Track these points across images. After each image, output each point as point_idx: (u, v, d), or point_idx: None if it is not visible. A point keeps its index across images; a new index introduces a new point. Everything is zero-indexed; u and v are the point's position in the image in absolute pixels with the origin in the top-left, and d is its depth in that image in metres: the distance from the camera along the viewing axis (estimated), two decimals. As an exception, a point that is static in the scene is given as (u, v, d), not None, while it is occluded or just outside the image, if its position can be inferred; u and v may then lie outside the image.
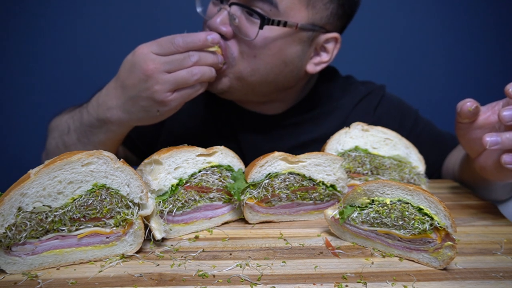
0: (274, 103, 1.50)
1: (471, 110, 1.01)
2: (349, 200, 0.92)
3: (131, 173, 0.85)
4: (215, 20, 1.23)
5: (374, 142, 1.19)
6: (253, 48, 1.24)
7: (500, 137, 0.93)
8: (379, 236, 0.89)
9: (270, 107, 1.51)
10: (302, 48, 1.30)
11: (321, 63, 1.38)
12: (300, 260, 0.85)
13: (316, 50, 1.36)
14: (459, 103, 1.03)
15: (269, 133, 1.53)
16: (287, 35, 1.25)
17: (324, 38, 1.33)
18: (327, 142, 1.17)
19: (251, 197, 1.00)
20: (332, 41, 1.35)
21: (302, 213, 1.07)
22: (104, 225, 0.85)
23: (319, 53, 1.37)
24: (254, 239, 0.96)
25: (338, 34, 1.34)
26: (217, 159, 1.02)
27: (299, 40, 1.28)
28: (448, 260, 0.81)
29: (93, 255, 0.85)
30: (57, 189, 0.79)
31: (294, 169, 1.02)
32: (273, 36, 1.23)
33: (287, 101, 1.51)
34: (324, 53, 1.37)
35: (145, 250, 0.90)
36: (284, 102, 1.51)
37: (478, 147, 1.07)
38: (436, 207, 0.82)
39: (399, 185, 0.86)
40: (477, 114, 1.02)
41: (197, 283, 0.76)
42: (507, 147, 0.93)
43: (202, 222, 1.01)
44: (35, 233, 0.79)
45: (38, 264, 0.81)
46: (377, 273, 0.80)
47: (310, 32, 1.28)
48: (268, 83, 1.34)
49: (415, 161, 1.19)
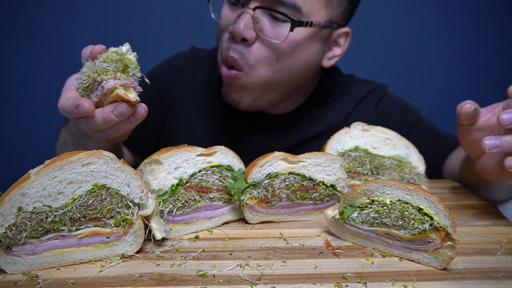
0: (288, 101, 1.51)
1: (469, 112, 1.01)
2: (349, 200, 0.93)
3: (131, 173, 0.86)
4: (239, 25, 1.21)
5: (374, 142, 1.19)
6: (277, 51, 1.26)
7: (499, 140, 0.93)
8: (379, 236, 0.89)
9: (282, 106, 1.51)
10: (321, 45, 1.36)
11: (334, 57, 1.43)
12: (300, 260, 0.85)
13: (328, 45, 1.40)
14: (459, 104, 1.03)
15: (277, 132, 1.54)
16: (310, 35, 1.28)
17: (337, 34, 1.38)
18: (327, 142, 1.17)
19: (251, 197, 1.00)
20: (343, 35, 1.41)
21: (302, 213, 1.07)
22: (104, 225, 0.85)
23: (331, 47, 1.42)
24: (254, 239, 0.96)
25: (349, 29, 1.40)
26: (217, 159, 1.02)
27: (319, 38, 1.32)
28: (448, 260, 0.81)
29: (93, 255, 0.85)
30: (57, 189, 0.79)
31: (294, 169, 1.02)
32: (299, 38, 1.26)
33: (298, 99, 1.53)
34: (335, 47, 1.43)
35: (145, 250, 0.90)
36: (295, 100, 1.53)
37: (478, 149, 1.07)
38: (436, 207, 0.82)
39: (399, 185, 0.86)
40: (477, 116, 1.02)
41: (197, 283, 0.76)
42: (506, 151, 0.94)
43: (202, 222, 1.01)
44: (35, 233, 0.79)
45: (38, 264, 0.81)
46: (377, 273, 0.80)
47: (329, 29, 1.34)
48: (291, 83, 1.38)
49: (415, 161, 1.19)
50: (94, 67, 0.87)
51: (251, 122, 1.53)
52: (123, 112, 0.89)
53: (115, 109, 0.88)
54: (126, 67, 0.88)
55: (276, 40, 1.23)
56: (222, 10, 1.33)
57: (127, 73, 0.87)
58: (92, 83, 0.87)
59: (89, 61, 0.89)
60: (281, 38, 1.23)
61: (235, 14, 1.27)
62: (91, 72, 0.87)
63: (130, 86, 0.88)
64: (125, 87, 0.87)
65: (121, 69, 0.87)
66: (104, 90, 0.85)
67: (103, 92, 0.86)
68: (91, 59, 0.90)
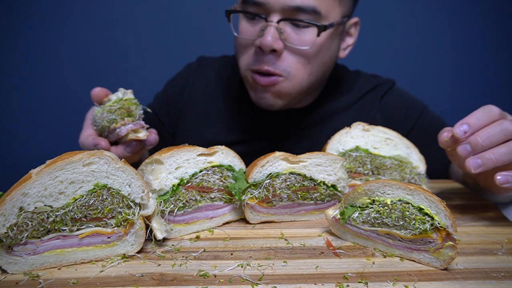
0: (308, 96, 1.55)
1: (447, 140, 1.02)
2: (350, 200, 0.93)
3: (132, 173, 0.86)
4: (267, 38, 1.26)
5: (375, 142, 1.19)
6: (306, 56, 1.33)
7: (481, 159, 0.94)
8: (380, 236, 0.89)
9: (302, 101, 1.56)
10: (339, 39, 1.44)
11: (348, 47, 1.51)
12: (301, 260, 0.85)
13: (342, 37, 1.47)
14: (439, 133, 1.05)
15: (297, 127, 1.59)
16: (331, 34, 1.35)
17: (348, 25, 1.46)
18: (328, 142, 1.17)
19: (252, 197, 1.00)
20: (353, 25, 1.49)
21: (303, 213, 1.07)
22: (106, 225, 0.85)
23: (344, 38, 1.50)
24: (255, 239, 0.96)
25: (357, 18, 1.49)
26: (217, 159, 1.02)
27: (337, 34, 1.40)
28: (449, 260, 0.81)
29: (95, 255, 0.85)
30: (58, 189, 0.79)
31: (295, 169, 1.02)
32: (322, 39, 1.33)
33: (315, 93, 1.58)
34: (348, 37, 1.51)
35: (146, 250, 0.90)
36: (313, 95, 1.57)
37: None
38: (437, 206, 0.82)
39: (400, 185, 0.87)
40: (457, 140, 1.00)
41: (198, 283, 0.76)
42: (490, 167, 0.94)
43: (203, 222, 1.01)
44: (37, 233, 0.79)
45: (40, 264, 0.81)
46: (378, 273, 0.80)
47: (344, 24, 1.41)
48: (318, 80, 1.46)
49: (416, 161, 1.19)
50: (103, 116, 1.05)
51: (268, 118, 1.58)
52: (134, 150, 1.09)
53: (127, 147, 1.08)
54: (130, 110, 1.05)
55: (303, 46, 1.30)
56: (240, 26, 1.37)
57: (133, 115, 1.06)
58: (106, 129, 1.07)
59: (98, 108, 1.08)
60: (307, 44, 1.30)
61: (256, 28, 1.32)
62: (102, 121, 1.06)
63: (138, 128, 1.07)
64: (135, 131, 1.07)
65: (126, 114, 1.05)
66: (119, 136, 1.06)
67: (118, 137, 1.07)
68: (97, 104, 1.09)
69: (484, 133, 0.95)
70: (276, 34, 1.28)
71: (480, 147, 0.95)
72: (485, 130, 0.96)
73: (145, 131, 1.08)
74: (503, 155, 0.94)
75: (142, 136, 1.07)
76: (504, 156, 0.94)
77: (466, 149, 0.96)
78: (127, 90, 1.08)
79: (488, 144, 0.95)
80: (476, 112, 0.99)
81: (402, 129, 1.43)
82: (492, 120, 0.97)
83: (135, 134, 1.06)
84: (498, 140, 0.95)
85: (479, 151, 0.96)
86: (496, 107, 0.99)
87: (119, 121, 1.04)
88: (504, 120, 0.97)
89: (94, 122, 1.09)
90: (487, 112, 0.98)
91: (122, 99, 1.06)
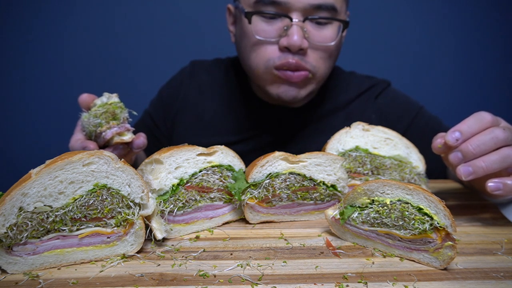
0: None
1: (440, 147, 1.03)
2: (350, 200, 0.93)
3: (132, 173, 0.86)
4: (293, 38, 1.28)
5: (375, 142, 1.19)
6: (328, 51, 1.38)
7: (472, 167, 0.95)
8: (379, 236, 0.89)
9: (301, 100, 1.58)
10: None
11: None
12: (301, 260, 0.85)
13: None
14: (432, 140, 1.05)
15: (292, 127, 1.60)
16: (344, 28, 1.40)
17: None
18: (328, 142, 1.17)
19: (251, 197, 1.00)
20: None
21: (302, 213, 1.07)
22: (105, 225, 0.85)
23: None
24: (255, 239, 0.96)
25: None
26: (217, 159, 1.02)
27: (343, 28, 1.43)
28: (448, 260, 0.81)
29: (94, 255, 0.85)
30: (58, 189, 0.79)
31: (295, 169, 1.02)
32: (340, 35, 1.40)
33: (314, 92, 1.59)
34: None
35: (146, 250, 0.90)
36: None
37: None
38: (436, 206, 0.82)
39: (399, 185, 0.87)
40: (451, 147, 1.00)
41: (198, 283, 0.76)
42: (481, 175, 0.95)
43: (203, 222, 1.01)
44: (36, 233, 0.79)
45: (39, 264, 0.81)
46: (378, 273, 0.80)
47: None
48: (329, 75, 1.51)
49: (415, 161, 1.19)
50: (89, 121, 1.08)
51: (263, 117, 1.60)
52: (120, 153, 1.11)
53: (114, 150, 1.10)
54: (114, 114, 1.07)
55: (327, 43, 1.35)
56: (256, 26, 1.35)
57: (118, 119, 1.08)
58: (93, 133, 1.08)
59: (85, 113, 1.10)
60: (330, 40, 1.36)
61: (274, 27, 1.33)
62: (89, 126, 1.08)
63: (123, 131, 1.09)
64: (120, 133, 1.08)
65: (111, 117, 1.07)
66: (105, 140, 1.08)
67: (105, 140, 1.08)
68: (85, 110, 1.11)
69: (475, 141, 0.95)
70: (301, 33, 1.30)
71: (471, 155, 0.96)
72: (476, 138, 0.96)
73: (130, 134, 1.10)
74: (494, 163, 0.94)
75: (127, 139, 1.08)
76: (495, 164, 0.94)
77: (457, 157, 0.97)
78: (111, 94, 1.11)
79: (479, 152, 0.95)
80: (468, 119, 0.99)
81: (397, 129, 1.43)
82: (483, 128, 0.97)
83: (120, 137, 1.08)
84: (489, 148, 0.95)
85: (470, 158, 0.96)
86: (488, 114, 0.99)
87: (104, 125, 1.06)
88: (495, 127, 0.97)
89: (82, 127, 1.11)
90: (479, 120, 0.98)
91: (107, 103, 1.08)
